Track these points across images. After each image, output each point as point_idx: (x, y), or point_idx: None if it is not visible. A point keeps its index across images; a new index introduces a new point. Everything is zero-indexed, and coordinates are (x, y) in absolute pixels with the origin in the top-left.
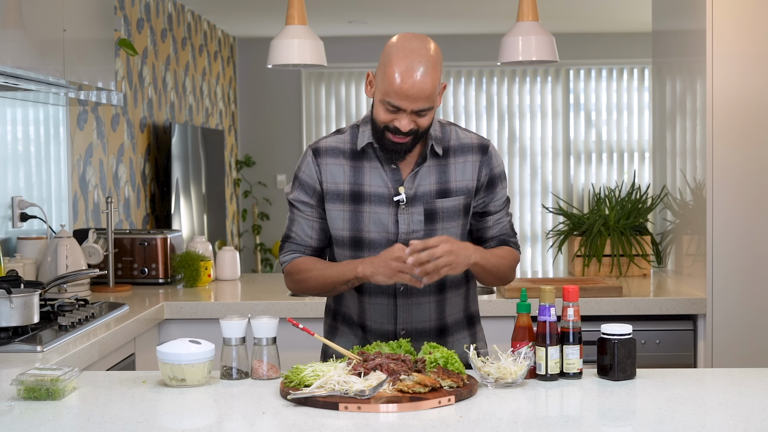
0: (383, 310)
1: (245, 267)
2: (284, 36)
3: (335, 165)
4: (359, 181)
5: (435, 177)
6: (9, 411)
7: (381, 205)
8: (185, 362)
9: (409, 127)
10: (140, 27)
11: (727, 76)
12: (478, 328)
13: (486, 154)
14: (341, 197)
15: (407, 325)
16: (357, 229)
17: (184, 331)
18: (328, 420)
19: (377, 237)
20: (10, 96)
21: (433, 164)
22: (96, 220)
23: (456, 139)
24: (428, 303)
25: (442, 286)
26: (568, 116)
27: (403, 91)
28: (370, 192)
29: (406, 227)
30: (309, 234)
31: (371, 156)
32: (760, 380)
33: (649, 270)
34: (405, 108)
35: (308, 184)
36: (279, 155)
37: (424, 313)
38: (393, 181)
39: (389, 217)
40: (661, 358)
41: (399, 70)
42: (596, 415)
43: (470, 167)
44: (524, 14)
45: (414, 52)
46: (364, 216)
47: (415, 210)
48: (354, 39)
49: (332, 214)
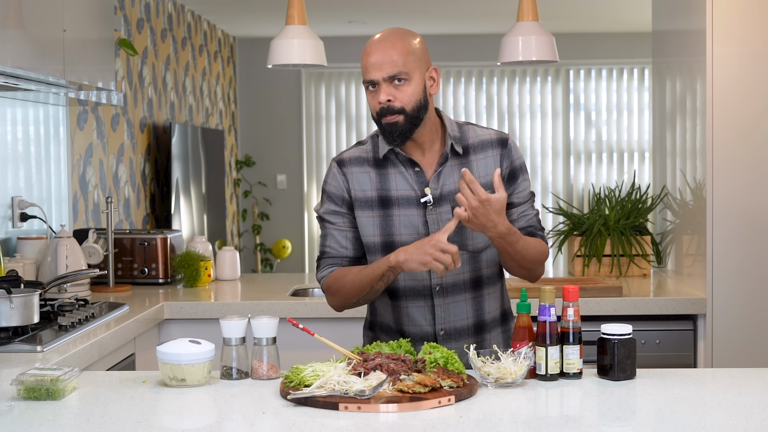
0: (421, 312)
1: (245, 267)
2: (284, 36)
3: (361, 173)
4: (386, 187)
5: (459, 175)
6: (9, 411)
7: (409, 207)
8: (185, 362)
9: (386, 98)
10: (140, 27)
11: (727, 76)
12: (511, 324)
13: (506, 147)
14: (370, 204)
15: (446, 325)
16: (388, 233)
17: (184, 331)
18: (328, 420)
19: (409, 239)
20: (10, 96)
21: (455, 163)
22: (96, 220)
23: (475, 136)
24: (464, 301)
25: (478, 282)
26: (568, 116)
27: (368, 60)
28: (398, 196)
29: (436, 227)
30: (344, 245)
31: (394, 161)
32: (760, 380)
33: (649, 270)
34: (376, 78)
35: (336, 194)
36: (279, 155)
37: (461, 311)
38: (418, 183)
39: (418, 219)
40: (661, 358)
41: (367, 47)
42: (596, 415)
43: (491, 162)
44: (524, 14)
45: (382, 33)
46: (394, 220)
47: (443, 209)
48: (354, 39)
49: (362, 221)
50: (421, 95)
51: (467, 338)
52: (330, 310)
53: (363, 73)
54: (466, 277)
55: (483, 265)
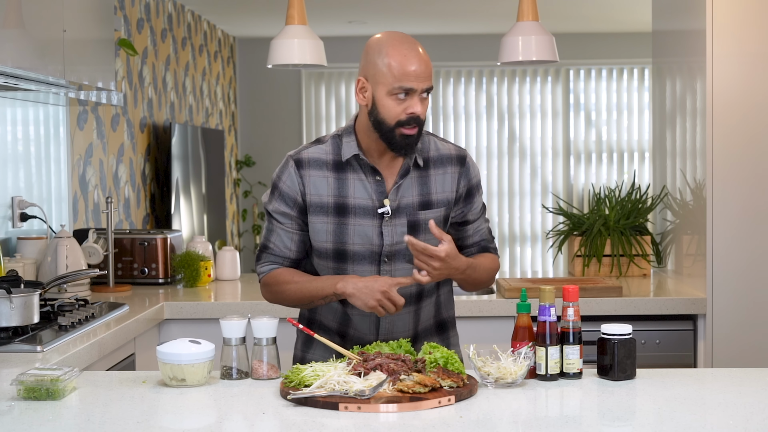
0: (367, 321)
1: (245, 267)
2: (284, 36)
3: (319, 177)
4: (344, 194)
5: (417, 189)
6: (9, 411)
7: (365, 217)
8: (185, 362)
9: (423, 110)
10: (140, 27)
11: (727, 76)
12: (451, 333)
13: (464, 165)
14: (325, 209)
15: (387, 336)
16: (341, 241)
17: (184, 331)
18: (328, 420)
19: (361, 249)
20: (10, 96)
21: (415, 176)
22: (96, 220)
23: (435, 149)
24: (408, 313)
25: (420, 295)
26: (568, 116)
27: (410, 67)
28: (355, 204)
29: (390, 239)
30: (288, 246)
31: (355, 167)
32: (760, 380)
33: (649, 270)
34: (417, 88)
35: (289, 195)
36: (279, 155)
37: (404, 323)
38: (377, 193)
39: (373, 229)
40: (661, 358)
41: (402, 53)
42: (596, 415)
43: (449, 179)
44: (524, 14)
45: (404, 39)
46: (349, 228)
47: (398, 222)
48: (354, 39)
49: (316, 227)
50: None
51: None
52: None
53: (399, 78)
54: (413, 290)
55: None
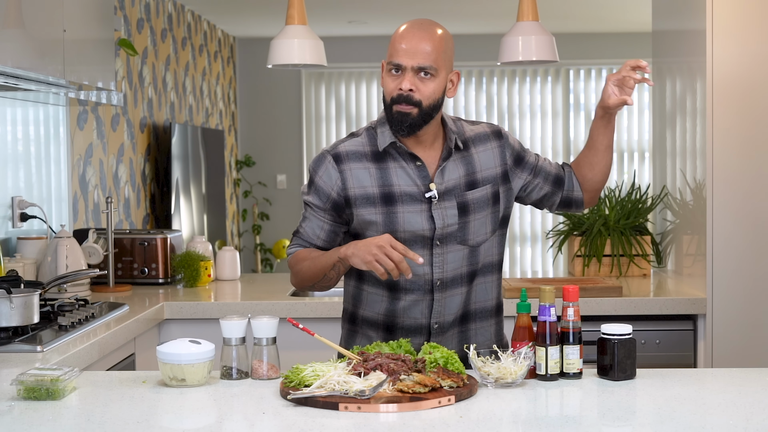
0: (418, 306)
1: (245, 267)
2: (284, 36)
3: (359, 169)
4: (388, 182)
5: (462, 169)
6: (9, 411)
7: (413, 203)
8: (185, 362)
9: (410, 87)
10: (140, 27)
11: (727, 76)
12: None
13: (502, 137)
14: (372, 200)
15: (440, 318)
16: (392, 230)
17: (184, 331)
18: (328, 420)
19: (412, 235)
20: (10, 96)
21: (457, 157)
22: (96, 220)
23: (471, 130)
24: (460, 294)
25: (473, 276)
26: (568, 116)
27: (402, 45)
28: (401, 192)
29: (441, 222)
30: (317, 234)
31: (394, 155)
32: (760, 380)
33: (649, 270)
34: (404, 64)
35: (323, 191)
36: (279, 155)
37: (455, 304)
38: (421, 178)
39: (422, 214)
40: (661, 358)
41: (402, 31)
42: (596, 415)
43: (491, 155)
44: (524, 14)
45: (418, 20)
46: (398, 216)
47: (447, 204)
48: (354, 39)
49: (365, 218)
50: (440, 95)
51: (454, 329)
52: (330, 309)
53: (390, 54)
54: (464, 271)
55: (480, 258)
